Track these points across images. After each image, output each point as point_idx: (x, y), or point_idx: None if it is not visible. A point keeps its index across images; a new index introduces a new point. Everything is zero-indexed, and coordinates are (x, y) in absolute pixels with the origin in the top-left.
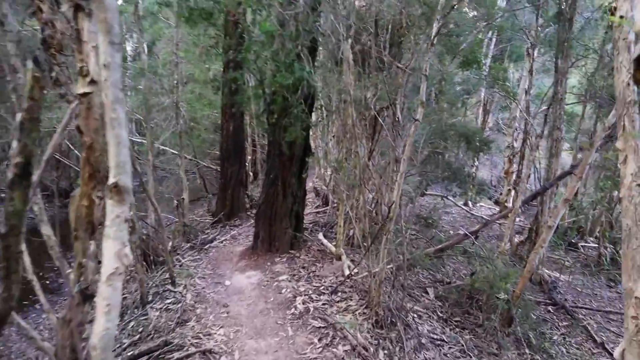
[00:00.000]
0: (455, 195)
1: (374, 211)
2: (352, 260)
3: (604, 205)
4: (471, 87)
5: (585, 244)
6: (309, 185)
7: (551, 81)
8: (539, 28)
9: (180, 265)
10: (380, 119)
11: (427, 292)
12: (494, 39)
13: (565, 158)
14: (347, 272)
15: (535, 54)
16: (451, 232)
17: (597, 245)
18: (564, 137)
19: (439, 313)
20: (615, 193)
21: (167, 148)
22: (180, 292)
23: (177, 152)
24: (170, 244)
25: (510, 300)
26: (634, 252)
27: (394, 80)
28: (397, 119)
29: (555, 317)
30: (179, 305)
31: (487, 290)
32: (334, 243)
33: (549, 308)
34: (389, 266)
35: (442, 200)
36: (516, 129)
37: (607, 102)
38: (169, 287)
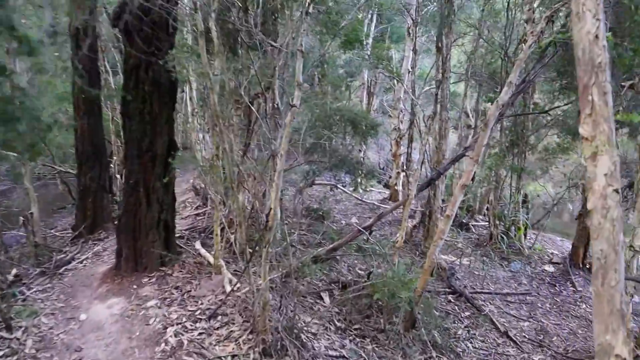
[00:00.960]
0: (345, 185)
1: (254, 213)
2: (234, 272)
3: (492, 183)
4: (354, 69)
5: (476, 223)
6: (190, 182)
7: (431, 61)
8: (419, 6)
9: (24, 300)
10: (254, 108)
11: (321, 298)
12: (374, 20)
13: (450, 136)
14: (228, 288)
15: (417, 33)
16: (343, 221)
17: (487, 224)
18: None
19: (336, 322)
20: (501, 171)
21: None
22: (17, 339)
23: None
24: (12, 272)
25: (412, 299)
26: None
27: (269, 62)
28: (275, 106)
29: (457, 307)
30: (15, 357)
31: (388, 299)
32: (213, 252)
33: (449, 297)
34: (276, 275)
35: (331, 190)
36: (401, 111)
37: (487, 80)
38: (3, 333)
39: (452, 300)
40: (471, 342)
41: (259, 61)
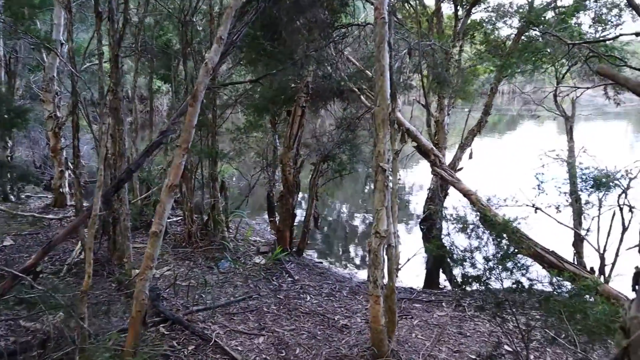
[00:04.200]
0: None
1: None
2: None
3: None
4: None
5: (168, 220)
6: None
7: (88, 36)
8: None
9: None
10: None
11: None
12: None
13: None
14: None
15: None
16: None
17: (181, 220)
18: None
19: None
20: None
21: None
22: None
23: None
24: None
25: None
26: None
27: None
28: None
29: (175, 341)
30: None
31: None
32: None
33: (162, 329)
34: None
35: None
36: (57, 93)
37: (159, 55)
38: None
39: (167, 332)
40: None
41: None
